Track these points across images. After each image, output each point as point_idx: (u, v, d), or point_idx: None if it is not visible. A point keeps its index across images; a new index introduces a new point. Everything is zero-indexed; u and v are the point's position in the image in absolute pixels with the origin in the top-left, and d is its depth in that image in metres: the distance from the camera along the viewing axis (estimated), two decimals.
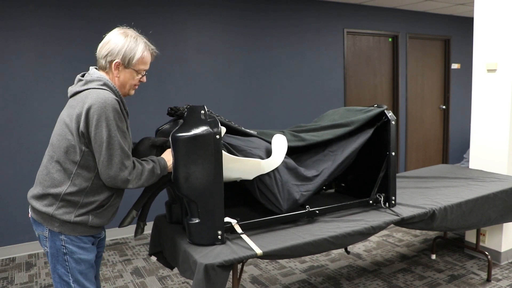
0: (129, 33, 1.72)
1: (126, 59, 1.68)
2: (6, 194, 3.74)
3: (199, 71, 4.49)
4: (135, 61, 1.70)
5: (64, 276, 1.68)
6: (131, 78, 1.73)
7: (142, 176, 1.68)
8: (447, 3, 5.50)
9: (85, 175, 1.63)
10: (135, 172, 1.66)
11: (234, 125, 2.15)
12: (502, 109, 3.22)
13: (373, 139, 2.40)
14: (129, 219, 1.88)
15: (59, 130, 1.65)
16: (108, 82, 1.67)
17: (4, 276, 3.37)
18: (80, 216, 1.66)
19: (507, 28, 3.13)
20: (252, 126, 4.67)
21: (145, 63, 1.75)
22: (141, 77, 1.76)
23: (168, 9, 4.26)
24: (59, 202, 1.64)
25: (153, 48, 1.80)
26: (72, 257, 1.68)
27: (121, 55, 1.67)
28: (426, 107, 6.38)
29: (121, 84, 1.73)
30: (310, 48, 5.16)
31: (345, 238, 2.02)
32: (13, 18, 3.64)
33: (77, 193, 1.63)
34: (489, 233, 3.33)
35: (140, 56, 1.70)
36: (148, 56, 1.76)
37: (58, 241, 1.67)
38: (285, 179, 2.12)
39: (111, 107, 1.58)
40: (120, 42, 1.68)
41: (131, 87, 1.76)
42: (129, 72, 1.72)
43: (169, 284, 3.15)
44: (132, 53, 1.68)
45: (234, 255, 1.75)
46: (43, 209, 1.65)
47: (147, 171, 1.70)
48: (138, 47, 1.70)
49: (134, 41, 1.70)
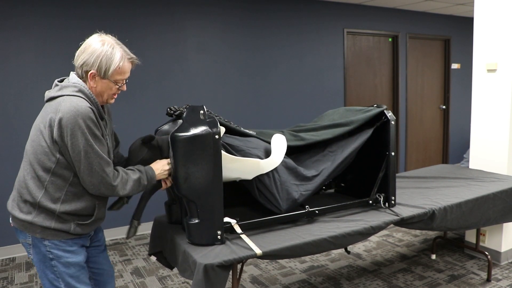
0: (106, 42, 1.63)
1: (102, 70, 1.61)
2: (6, 194, 3.73)
3: (198, 71, 4.49)
4: (111, 72, 1.62)
5: (54, 281, 1.65)
6: (108, 88, 1.66)
7: (127, 185, 1.65)
8: (447, 3, 5.50)
9: (59, 183, 1.59)
10: (119, 179, 1.63)
11: (233, 125, 2.15)
12: (502, 109, 3.22)
13: (373, 139, 2.40)
14: (133, 229, 1.91)
15: (34, 136, 1.61)
16: (84, 89, 1.61)
17: (4, 276, 3.38)
18: (60, 223, 1.62)
19: (507, 28, 3.13)
20: (252, 126, 4.67)
21: (123, 73, 1.66)
22: (119, 86, 1.69)
23: (168, 9, 4.26)
24: (37, 210, 1.61)
25: (133, 57, 1.70)
26: (59, 262, 1.65)
27: (97, 65, 1.60)
28: (426, 107, 6.38)
29: (98, 93, 1.67)
30: (310, 48, 5.16)
31: (345, 238, 2.02)
32: (13, 18, 3.65)
33: (52, 201, 1.60)
34: (489, 233, 3.33)
35: (116, 66, 1.62)
36: (126, 66, 1.66)
37: (43, 247, 1.64)
38: (284, 179, 2.12)
39: (84, 116, 1.53)
40: (96, 52, 1.60)
41: (109, 96, 1.70)
42: (105, 82, 1.64)
43: (169, 284, 3.15)
44: (108, 64, 1.60)
45: (234, 255, 1.75)
46: (22, 216, 1.62)
47: (132, 181, 1.67)
48: (115, 57, 1.61)
49: (110, 50, 1.61)
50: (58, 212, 1.61)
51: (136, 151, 1.86)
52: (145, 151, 1.85)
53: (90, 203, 1.67)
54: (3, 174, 3.72)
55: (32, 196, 1.60)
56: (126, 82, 1.72)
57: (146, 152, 1.86)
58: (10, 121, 3.70)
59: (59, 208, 1.60)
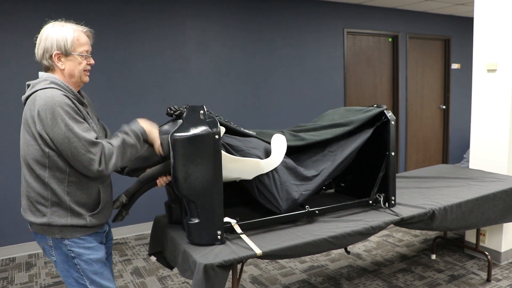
0: (56, 24, 1.69)
1: (62, 47, 1.65)
2: (6, 194, 3.74)
3: (199, 71, 4.49)
4: (70, 45, 1.65)
5: (79, 279, 1.68)
6: (76, 64, 1.68)
7: (113, 155, 1.63)
8: (447, 3, 5.50)
9: (58, 176, 1.61)
10: (107, 154, 1.61)
11: (233, 125, 2.15)
12: (502, 109, 3.22)
13: (373, 139, 2.40)
14: (118, 203, 1.86)
15: (23, 139, 1.63)
16: (55, 79, 1.64)
17: (4, 276, 3.38)
18: (76, 218, 1.65)
19: (507, 28, 3.13)
20: (252, 126, 4.67)
21: (82, 44, 1.69)
22: (87, 60, 1.72)
23: (168, 9, 4.26)
24: (50, 209, 1.63)
25: (86, 28, 1.74)
26: (82, 259, 1.67)
27: (56, 45, 1.64)
28: (426, 107, 6.38)
29: (69, 74, 1.69)
30: (310, 48, 5.16)
31: (345, 238, 2.02)
32: (13, 18, 3.65)
33: (60, 196, 1.61)
34: (489, 233, 3.33)
35: (72, 38, 1.66)
36: (83, 37, 1.70)
37: (63, 246, 1.66)
38: (284, 179, 2.12)
39: (60, 104, 1.55)
40: (50, 34, 1.65)
41: (81, 73, 1.71)
42: (71, 58, 1.67)
43: (169, 284, 3.15)
44: (64, 39, 1.64)
45: (234, 255, 1.75)
46: (38, 220, 1.64)
47: (116, 148, 1.65)
48: (67, 32, 1.66)
49: (61, 28, 1.66)
50: (69, 205, 1.63)
51: None
52: (144, 148, 1.85)
53: (94, 190, 1.69)
54: (3, 174, 3.72)
55: (41, 196, 1.62)
56: (91, 55, 1.75)
57: (146, 149, 1.85)
58: (10, 121, 3.70)
59: (69, 202, 1.63)
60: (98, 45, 4.35)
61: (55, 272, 3.42)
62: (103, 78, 3.94)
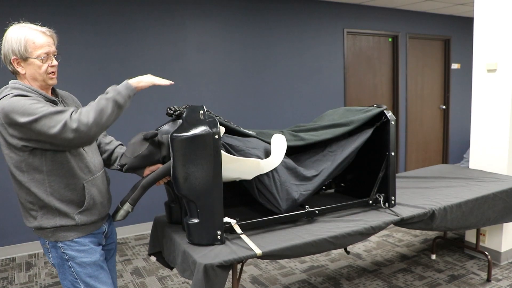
0: (13, 27, 1.60)
1: (17, 52, 1.56)
2: (6, 194, 3.74)
3: (198, 71, 4.49)
4: (24, 49, 1.56)
5: (75, 283, 1.67)
6: (36, 68, 1.59)
7: (85, 113, 1.50)
8: (447, 3, 5.50)
9: (37, 178, 1.58)
10: (78, 113, 1.50)
11: (233, 125, 2.15)
12: (502, 109, 3.22)
13: (373, 139, 2.40)
14: (123, 212, 1.83)
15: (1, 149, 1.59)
16: (18, 85, 1.57)
17: (4, 276, 3.38)
18: (64, 218, 1.63)
19: (507, 28, 3.13)
20: (252, 126, 4.68)
21: (39, 47, 1.58)
22: (49, 62, 1.62)
23: (168, 8, 4.26)
24: (39, 213, 1.62)
25: (46, 29, 1.64)
26: (75, 262, 1.66)
27: (11, 50, 1.56)
28: (426, 107, 6.38)
29: (32, 78, 1.61)
30: (310, 48, 5.16)
31: (345, 238, 2.02)
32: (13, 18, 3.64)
33: (43, 199, 1.59)
34: (489, 233, 3.33)
35: (26, 42, 1.56)
36: (39, 38, 1.58)
37: (58, 249, 1.66)
38: (283, 179, 2.12)
39: (20, 98, 1.49)
40: (6, 40, 1.58)
41: (45, 76, 1.62)
42: (29, 63, 1.58)
43: (169, 284, 3.15)
44: (18, 43, 1.56)
45: (234, 255, 1.75)
46: (31, 224, 1.65)
47: (88, 106, 1.54)
48: (22, 35, 1.56)
49: (16, 31, 1.58)
50: (55, 206, 1.60)
51: (136, 145, 1.83)
52: (145, 147, 1.84)
53: (78, 186, 1.64)
54: (3, 174, 3.72)
55: (28, 201, 1.62)
56: (55, 56, 1.66)
57: (146, 148, 1.84)
58: None
59: (53, 202, 1.60)
60: (97, 44, 4.33)
61: (55, 272, 3.42)
62: (103, 78, 3.94)
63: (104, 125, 1.55)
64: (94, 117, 1.51)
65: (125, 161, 1.84)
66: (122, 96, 1.60)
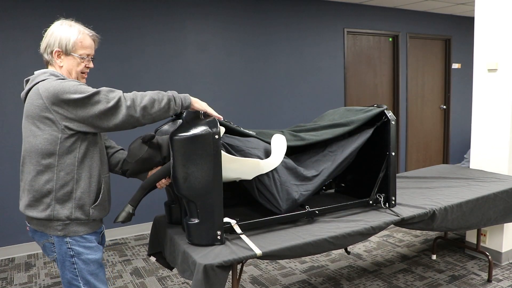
0: (64, 22, 1.73)
1: (64, 45, 1.69)
2: (5, 194, 3.73)
3: (198, 71, 4.49)
4: (72, 46, 1.70)
5: (73, 281, 1.67)
6: (75, 65, 1.73)
7: (145, 97, 1.63)
8: (447, 3, 5.49)
9: (68, 162, 1.61)
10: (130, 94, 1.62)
11: (233, 125, 2.15)
12: (503, 109, 3.21)
13: (373, 139, 2.39)
14: (125, 214, 1.83)
15: (28, 132, 1.62)
16: (54, 72, 1.68)
17: (3, 277, 3.37)
18: (79, 210, 1.65)
19: (507, 28, 3.13)
20: (252, 126, 4.67)
21: (84, 48, 1.73)
22: (86, 63, 1.75)
23: (168, 8, 4.26)
24: (55, 202, 1.62)
25: (93, 33, 1.78)
26: (80, 258, 1.67)
27: (58, 43, 1.69)
28: (427, 107, 6.37)
29: (67, 72, 1.73)
30: (310, 47, 5.16)
31: (345, 238, 2.02)
32: (13, 18, 3.64)
33: (67, 185, 1.61)
34: (490, 233, 3.32)
35: (75, 40, 1.70)
36: (87, 40, 1.74)
37: (64, 244, 1.66)
38: (284, 179, 2.11)
39: (64, 81, 1.59)
40: (56, 32, 1.70)
41: (78, 74, 1.75)
42: (70, 58, 1.71)
43: (169, 285, 3.14)
44: (67, 39, 1.69)
45: (234, 256, 1.74)
46: (41, 215, 1.63)
47: (151, 92, 1.66)
48: (72, 33, 1.70)
49: (68, 27, 1.71)
50: (75, 194, 1.63)
51: (135, 149, 1.85)
52: (144, 150, 1.85)
53: (95, 179, 1.70)
54: (3, 174, 3.72)
55: (47, 188, 1.61)
56: (93, 59, 1.79)
57: (145, 151, 1.85)
58: (9, 120, 3.69)
59: (75, 190, 1.63)
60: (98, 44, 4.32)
61: (55, 272, 3.42)
62: (103, 78, 3.93)
63: (150, 115, 1.64)
64: (146, 103, 1.63)
65: (127, 166, 1.87)
66: (179, 101, 1.73)
